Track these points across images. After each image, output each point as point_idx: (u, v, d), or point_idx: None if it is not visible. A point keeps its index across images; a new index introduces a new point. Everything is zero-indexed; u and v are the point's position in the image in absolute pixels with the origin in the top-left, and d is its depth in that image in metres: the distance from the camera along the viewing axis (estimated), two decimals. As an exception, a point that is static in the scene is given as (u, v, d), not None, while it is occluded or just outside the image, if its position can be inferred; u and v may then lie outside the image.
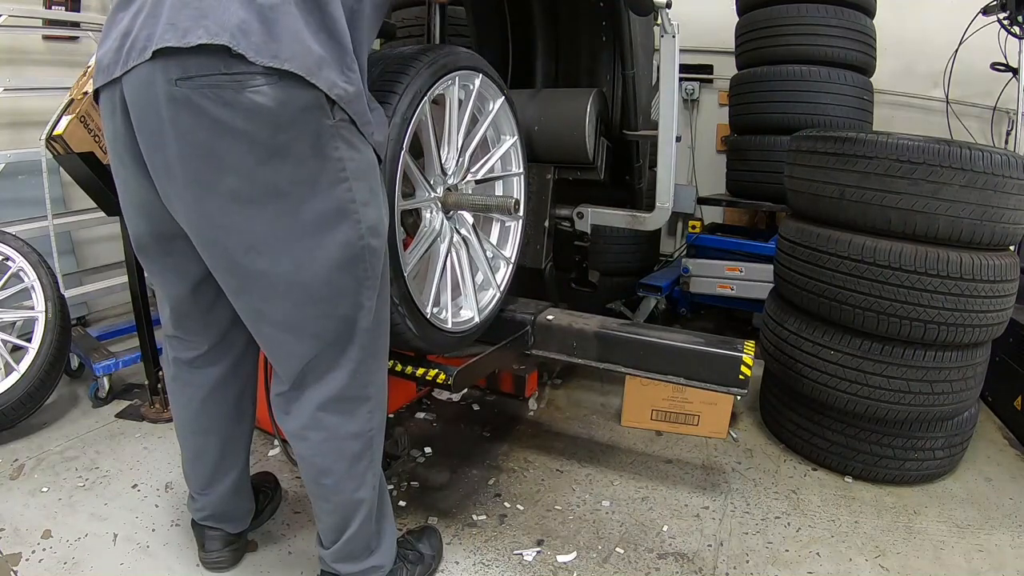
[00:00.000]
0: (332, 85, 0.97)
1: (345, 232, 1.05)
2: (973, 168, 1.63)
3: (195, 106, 0.91)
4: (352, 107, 1.01)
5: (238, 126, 0.93)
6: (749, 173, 2.94)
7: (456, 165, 1.50)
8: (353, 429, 1.20)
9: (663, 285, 2.89)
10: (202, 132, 0.93)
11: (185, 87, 0.91)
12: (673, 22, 1.75)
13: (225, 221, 1.01)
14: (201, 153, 0.95)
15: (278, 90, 0.92)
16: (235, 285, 1.10)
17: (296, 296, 1.07)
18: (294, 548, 1.61)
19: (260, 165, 0.96)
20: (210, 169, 0.96)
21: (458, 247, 1.57)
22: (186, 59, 0.90)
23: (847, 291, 1.80)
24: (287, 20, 0.92)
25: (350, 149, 1.03)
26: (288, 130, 0.96)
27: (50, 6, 2.76)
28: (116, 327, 2.71)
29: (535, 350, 1.80)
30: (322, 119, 0.98)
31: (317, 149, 0.99)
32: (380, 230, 1.11)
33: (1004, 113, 3.14)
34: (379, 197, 1.11)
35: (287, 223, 1.01)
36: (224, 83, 0.90)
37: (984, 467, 2.05)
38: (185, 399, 1.38)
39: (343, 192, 1.03)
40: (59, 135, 1.84)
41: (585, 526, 1.72)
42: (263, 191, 0.99)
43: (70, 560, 1.53)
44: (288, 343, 1.13)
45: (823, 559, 1.62)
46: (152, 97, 0.94)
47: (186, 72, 0.90)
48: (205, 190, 0.99)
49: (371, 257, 1.10)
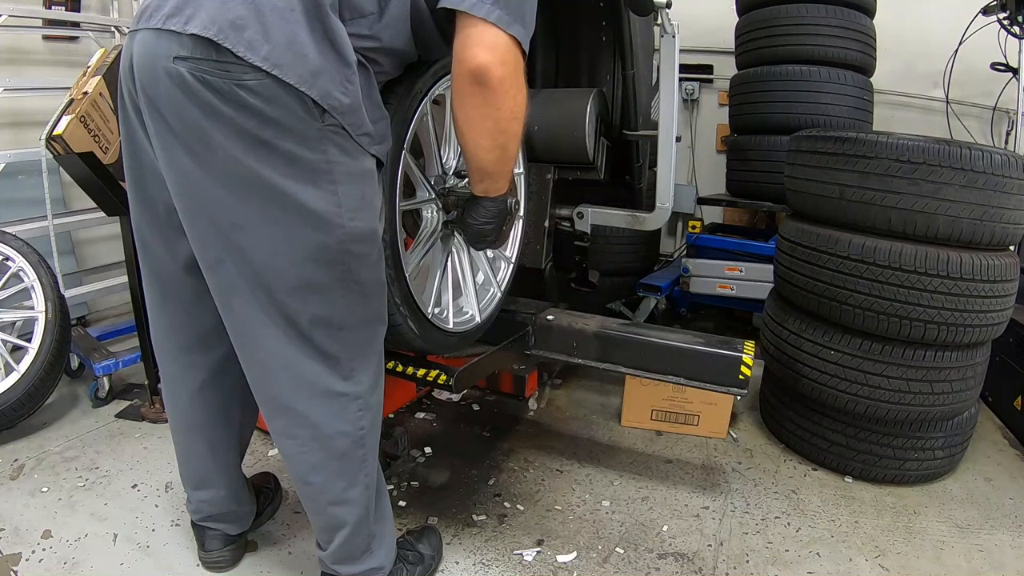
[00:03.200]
0: (326, 95, 0.97)
1: (326, 234, 1.05)
2: (973, 168, 1.63)
3: (189, 85, 0.94)
4: (346, 118, 1.01)
5: (226, 113, 0.95)
6: (749, 173, 2.93)
7: (457, 165, 1.50)
8: (341, 427, 1.20)
9: (663, 285, 2.88)
10: (194, 110, 0.96)
11: (181, 66, 0.94)
12: (673, 22, 1.75)
13: (214, 194, 1.03)
14: (193, 129, 0.98)
15: (266, 88, 0.93)
16: (212, 257, 1.09)
17: (269, 279, 1.07)
18: (294, 548, 1.61)
19: (247, 153, 0.98)
20: (202, 145, 0.99)
21: (459, 247, 1.57)
22: (185, 40, 0.93)
23: (847, 291, 1.80)
24: (286, 25, 0.93)
25: (341, 154, 1.03)
26: (274, 126, 0.97)
27: (50, 6, 2.75)
28: (116, 327, 2.71)
29: (535, 350, 1.81)
30: (311, 122, 0.98)
31: (304, 149, 0.99)
32: (367, 237, 1.10)
33: (1004, 113, 3.14)
34: (372, 206, 1.11)
35: (270, 211, 1.02)
36: (215, 71, 0.93)
37: (984, 467, 2.05)
38: (174, 396, 1.38)
39: (329, 195, 1.03)
40: (59, 135, 1.84)
41: (585, 526, 1.72)
42: (249, 177, 1.00)
43: (70, 560, 1.53)
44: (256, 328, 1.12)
45: (823, 559, 1.62)
46: (154, 65, 0.97)
47: (183, 52, 0.94)
48: (197, 163, 1.01)
49: (352, 261, 1.10)
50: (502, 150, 1.15)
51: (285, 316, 1.10)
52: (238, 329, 1.15)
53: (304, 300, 1.09)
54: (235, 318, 1.14)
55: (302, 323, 1.11)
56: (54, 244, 2.45)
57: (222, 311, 1.16)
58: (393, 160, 1.24)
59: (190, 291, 1.25)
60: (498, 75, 1.02)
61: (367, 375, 1.21)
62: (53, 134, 1.86)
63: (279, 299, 1.08)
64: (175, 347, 1.32)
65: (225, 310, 1.15)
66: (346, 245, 1.07)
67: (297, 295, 1.08)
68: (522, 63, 1.07)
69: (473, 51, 1.02)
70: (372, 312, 1.19)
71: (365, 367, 1.21)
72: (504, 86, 1.04)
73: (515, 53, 1.04)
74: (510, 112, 1.08)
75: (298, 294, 1.08)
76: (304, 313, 1.10)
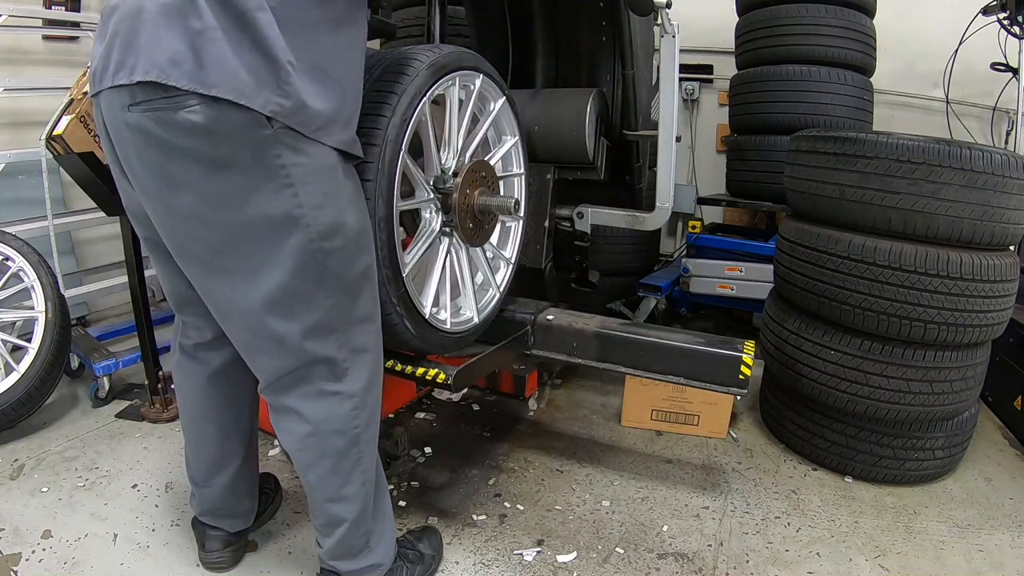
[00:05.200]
0: (265, 103, 0.98)
1: (296, 237, 1.07)
2: (973, 168, 1.63)
3: (144, 129, 0.99)
4: (291, 119, 1.01)
5: (179, 144, 0.99)
6: (749, 173, 2.93)
7: (456, 165, 1.50)
8: (336, 426, 1.21)
9: (663, 285, 2.88)
10: (153, 152, 1.01)
11: (135, 112, 0.99)
12: (673, 22, 1.75)
13: (188, 230, 1.08)
14: (157, 172, 1.03)
15: (210, 108, 0.96)
16: (204, 283, 1.15)
17: (254, 301, 1.10)
18: (294, 548, 1.61)
19: (207, 178, 1.01)
20: (166, 186, 1.04)
21: (458, 247, 1.57)
22: (134, 89, 0.98)
23: (847, 291, 1.79)
24: (213, 46, 0.95)
25: (295, 154, 1.03)
26: (226, 143, 0.99)
27: (50, 6, 2.76)
28: (116, 327, 2.71)
29: (535, 350, 1.80)
30: (259, 129, 0.99)
31: (258, 158, 1.01)
32: (336, 232, 1.11)
33: (1004, 113, 3.14)
34: (337, 199, 1.11)
35: (242, 230, 1.05)
36: (163, 106, 0.97)
37: (984, 467, 2.05)
38: (188, 385, 1.41)
39: (288, 198, 1.04)
40: (59, 135, 1.84)
41: (585, 526, 1.72)
42: (216, 202, 1.03)
43: (70, 560, 1.53)
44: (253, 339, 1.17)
45: (823, 559, 1.62)
46: (116, 119, 1.03)
47: (135, 99, 0.99)
48: (166, 205, 1.07)
49: (327, 259, 1.11)
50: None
51: (275, 332, 1.13)
52: (234, 340, 1.21)
53: (291, 314, 1.12)
54: (232, 334, 1.20)
55: (293, 337, 1.14)
56: (54, 244, 2.45)
57: (222, 325, 1.21)
58: (392, 160, 1.24)
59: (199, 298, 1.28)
60: None
61: (361, 374, 1.22)
62: (53, 134, 1.86)
63: (268, 321, 1.12)
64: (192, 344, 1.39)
65: (224, 326, 1.21)
66: (316, 244, 1.09)
67: (284, 311, 1.11)
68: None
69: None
70: (362, 310, 1.20)
71: (359, 366, 1.21)
72: None
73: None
74: None
75: (284, 309, 1.11)
76: (293, 329, 1.13)
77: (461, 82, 1.45)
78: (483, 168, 1.53)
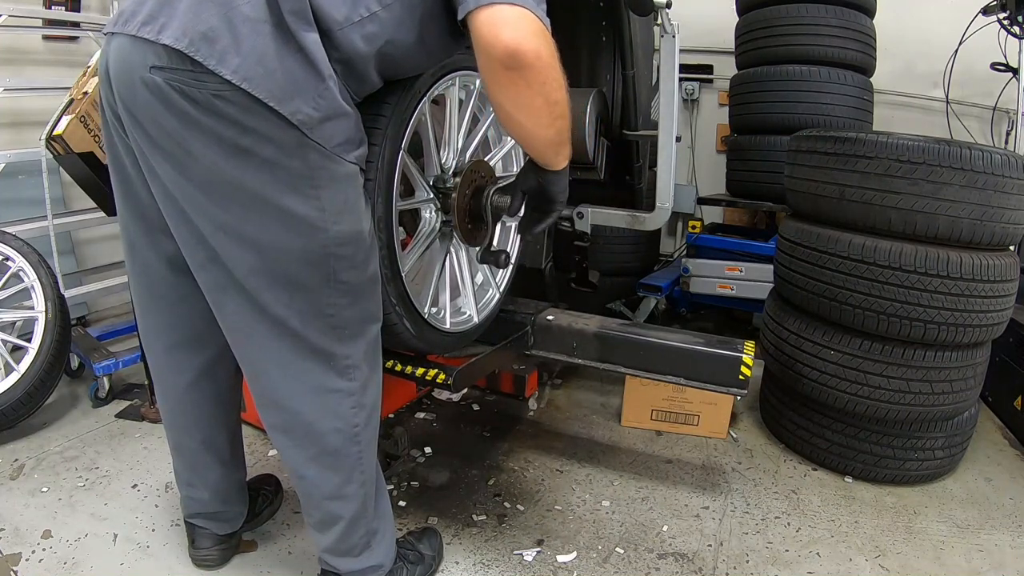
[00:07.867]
0: (295, 112, 0.96)
1: (309, 238, 1.05)
2: (973, 168, 1.63)
3: (165, 96, 0.95)
4: (316, 132, 1.00)
5: (204, 123, 0.95)
6: (749, 173, 2.93)
7: (456, 166, 1.50)
8: (335, 424, 1.20)
9: (663, 285, 2.88)
10: (172, 120, 0.96)
11: (158, 76, 0.94)
12: (673, 22, 1.75)
13: (197, 200, 1.03)
14: (173, 138, 0.98)
15: (240, 99, 0.94)
16: (200, 258, 1.10)
17: (255, 280, 1.08)
18: (294, 548, 1.61)
19: (227, 160, 0.98)
20: (183, 153, 0.99)
21: (457, 247, 1.57)
22: (159, 49, 0.93)
23: (847, 291, 1.79)
24: (258, 38, 0.92)
25: (322, 159, 1.02)
26: (252, 135, 0.97)
27: (50, 6, 2.75)
28: (116, 327, 2.71)
29: (535, 350, 1.80)
30: (289, 130, 0.98)
31: (284, 156, 0.99)
32: (352, 240, 1.10)
33: (1004, 113, 3.14)
34: (356, 208, 1.10)
35: (253, 216, 1.03)
36: (191, 81, 0.93)
37: (984, 467, 2.05)
38: (164, 394, 1.38)
39: (311, 200, 1.03)
40: (59, 135, 1.84)
41: (585, 526, 1.72)
42: (231, 183, 1.00)
43: (70, 560, 1.53)
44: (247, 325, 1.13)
45: (823, 559, 1.62)
46: (131, 73, 0.97)
47: (159, 62, 0.94)
48: (179, 170, 1.02)
49: (336, 263, 1.10)
50: (562, 119, 1.07)
51: (275, 315, 1.10)
52: (230, 326, 1.17)
53: (291, 299, 1.10)
54: (227, 315, 1.15)
55: (292, 321, 1.11)
56: (54, 244, 2.45)
57: (214, 308, 1.17)
58: (391, 160, 1.24)
59: (177, 293, 1.25)
60: (532, 49, 0.93)
61: (361, 372, 1.21)
62: (53, 134, 1.86)
63: (267, 299, 1.09)
64: (162, 347, 1.33)
65: (217, 308, 1.16)
66: (330, 249, 1.08)
67: (284, 294, 1.09)
68: (548, 31, 0.99)
69: (496, 33, 0.93)
70: (364, 311, 1.19)
71: (359, 364, 1.20)
72: (541, 60, 0.96)
73: (538, 22, 0.97)
74: (556, 82, 1.00)
75: (285, 293, 1.09)
76: (293, 312, 1.11)
77: (461, 82, 1.44)
78: (483, 168, 1.53)
